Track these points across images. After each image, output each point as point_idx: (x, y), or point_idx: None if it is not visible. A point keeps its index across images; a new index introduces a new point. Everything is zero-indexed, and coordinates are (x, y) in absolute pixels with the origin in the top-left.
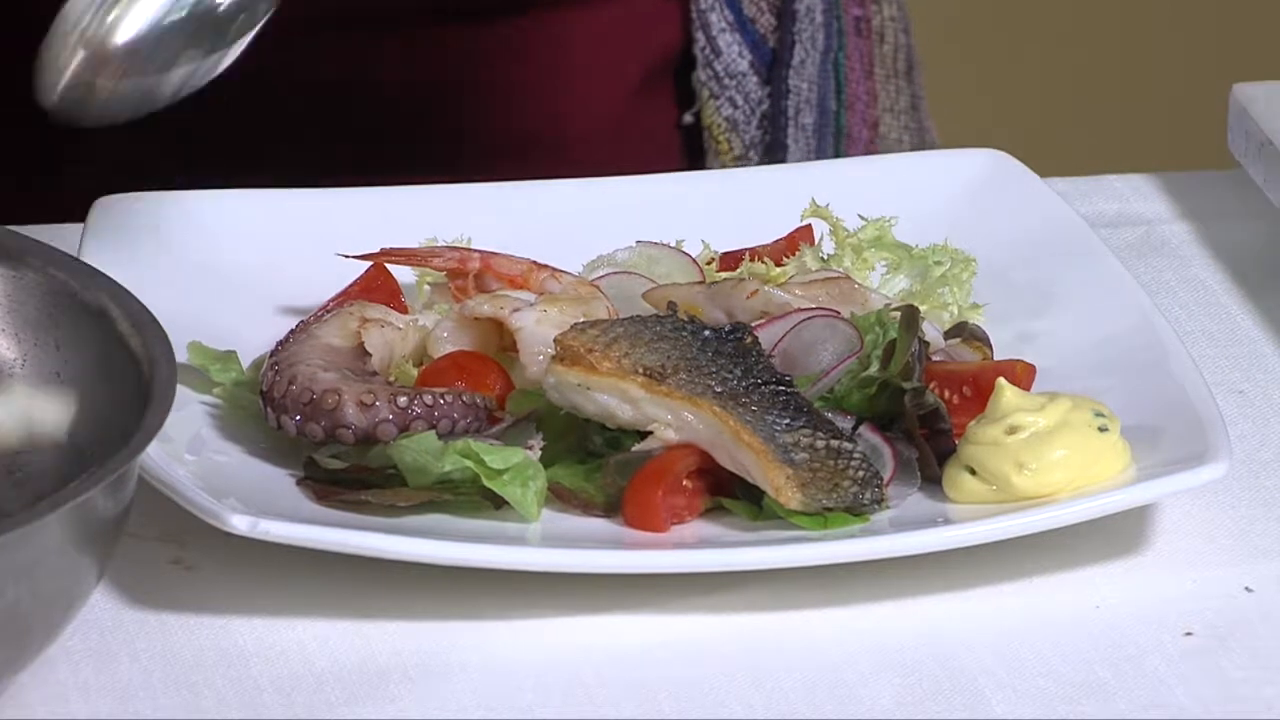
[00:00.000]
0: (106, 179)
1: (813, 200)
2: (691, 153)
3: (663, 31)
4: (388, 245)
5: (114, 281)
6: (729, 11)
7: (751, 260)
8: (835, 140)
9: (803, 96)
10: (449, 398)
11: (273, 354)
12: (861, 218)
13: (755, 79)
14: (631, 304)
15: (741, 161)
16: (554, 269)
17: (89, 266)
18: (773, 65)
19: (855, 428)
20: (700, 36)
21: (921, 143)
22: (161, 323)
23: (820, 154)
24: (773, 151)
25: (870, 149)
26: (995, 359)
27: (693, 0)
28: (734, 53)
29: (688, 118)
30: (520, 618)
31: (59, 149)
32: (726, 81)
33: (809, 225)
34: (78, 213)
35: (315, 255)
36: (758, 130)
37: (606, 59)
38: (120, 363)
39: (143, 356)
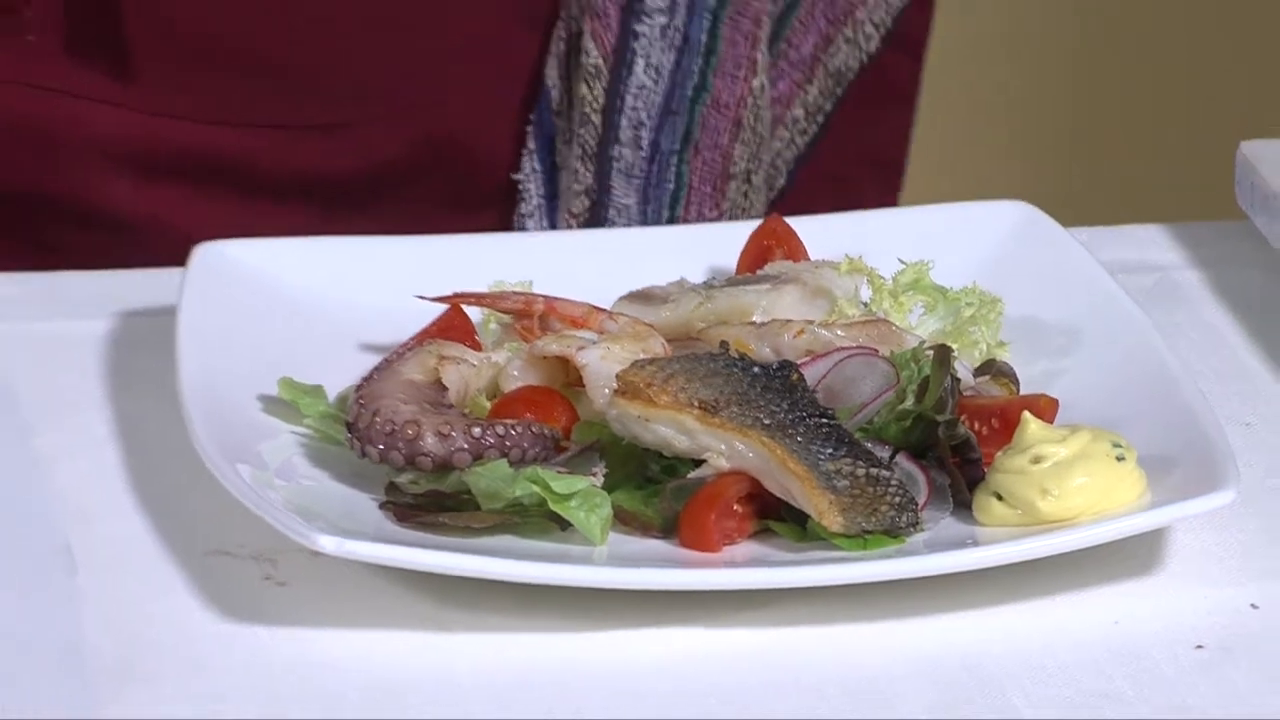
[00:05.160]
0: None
1: (847, 256)
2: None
3: None
4: (460, 289)
5: None
6: None
7: (739, 272)
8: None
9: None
10: (519, 428)
11: (358, 388)
12: (901, 261)
13: None
14: None
15: None
16: (610, 311)
17: None
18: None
19: (892, 457)
20: None
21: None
22: (254, 359)
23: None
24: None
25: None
26: (1021, 394)
27: None
28: None
29: None
30: (585, 630)
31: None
32: None
33: (769, 223)
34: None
35: (395, 297)
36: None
37: None
38: None
39: None
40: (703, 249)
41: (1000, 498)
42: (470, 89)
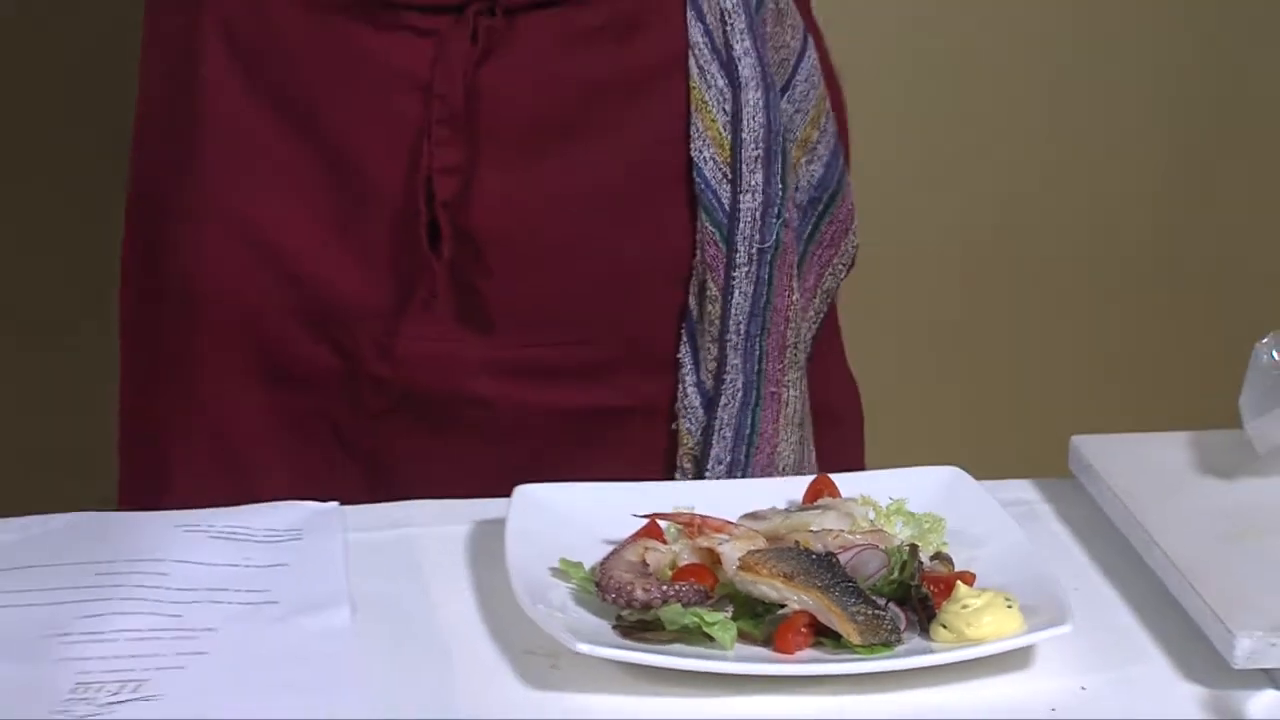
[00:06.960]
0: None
1: (861, 495)
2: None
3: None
4: (656, 510)
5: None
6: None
7: (804, 503)
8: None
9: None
10: (687, 587)
11: (601, 564)
12: (890, 498)
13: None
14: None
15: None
16: (735, 523)
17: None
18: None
19: (886, 603)
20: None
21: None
22: (547, 548)
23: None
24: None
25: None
26: (955, 571)
27: None
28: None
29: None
30: (720, 696)
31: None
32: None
33: (819, 479)
34: (506, 491)
35: (620, 516)
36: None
37: None
38: None
39: None
40: (786, 491)
41: (945, 627)
42: (651, 313)
